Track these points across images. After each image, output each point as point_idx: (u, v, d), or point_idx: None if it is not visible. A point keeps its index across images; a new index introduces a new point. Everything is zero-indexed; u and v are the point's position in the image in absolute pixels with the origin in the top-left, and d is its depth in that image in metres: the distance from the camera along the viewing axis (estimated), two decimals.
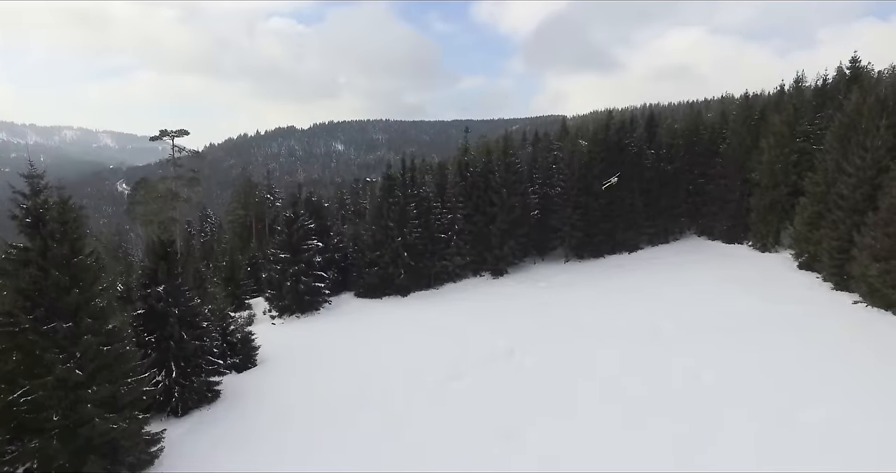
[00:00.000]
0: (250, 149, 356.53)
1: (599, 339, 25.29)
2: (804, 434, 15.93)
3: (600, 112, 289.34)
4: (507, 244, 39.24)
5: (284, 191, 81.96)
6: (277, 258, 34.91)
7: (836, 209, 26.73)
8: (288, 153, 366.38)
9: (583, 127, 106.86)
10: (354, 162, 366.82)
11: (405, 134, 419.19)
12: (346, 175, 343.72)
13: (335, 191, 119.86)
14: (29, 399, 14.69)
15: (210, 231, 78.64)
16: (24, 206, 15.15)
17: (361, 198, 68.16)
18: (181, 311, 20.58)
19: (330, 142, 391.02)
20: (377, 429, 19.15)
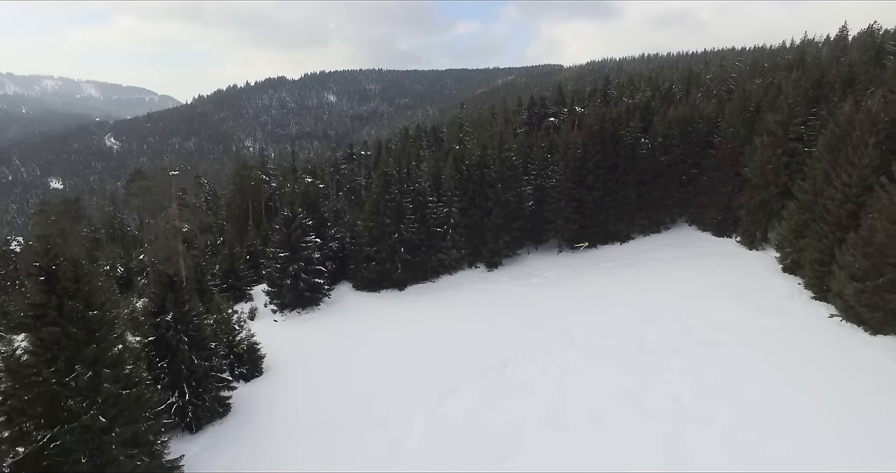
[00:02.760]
0: (240, 101, 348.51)
1: (589, 352, 26.61)
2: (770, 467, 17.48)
3: (596, 63, 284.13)
4: (502, 238, 40.05)
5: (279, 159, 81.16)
6: (277, 256, 35.65)
7: (821, 221, 27.52)
8: (279, 105, 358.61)
9: (579, 90, 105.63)
10: (347, 113, 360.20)
11: (399, 84, 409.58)
12: (338, 127, 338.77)
13: (330, 155, 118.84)
14: (57, 443, 15.86)
15: (206, 200, 78.81)
16: (38, 264, 15.77)
17: (356, 173, 68.12)
18: (190, 337, 21.57)
19: (322, 92, 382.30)
20: (382, 451, 20.66)
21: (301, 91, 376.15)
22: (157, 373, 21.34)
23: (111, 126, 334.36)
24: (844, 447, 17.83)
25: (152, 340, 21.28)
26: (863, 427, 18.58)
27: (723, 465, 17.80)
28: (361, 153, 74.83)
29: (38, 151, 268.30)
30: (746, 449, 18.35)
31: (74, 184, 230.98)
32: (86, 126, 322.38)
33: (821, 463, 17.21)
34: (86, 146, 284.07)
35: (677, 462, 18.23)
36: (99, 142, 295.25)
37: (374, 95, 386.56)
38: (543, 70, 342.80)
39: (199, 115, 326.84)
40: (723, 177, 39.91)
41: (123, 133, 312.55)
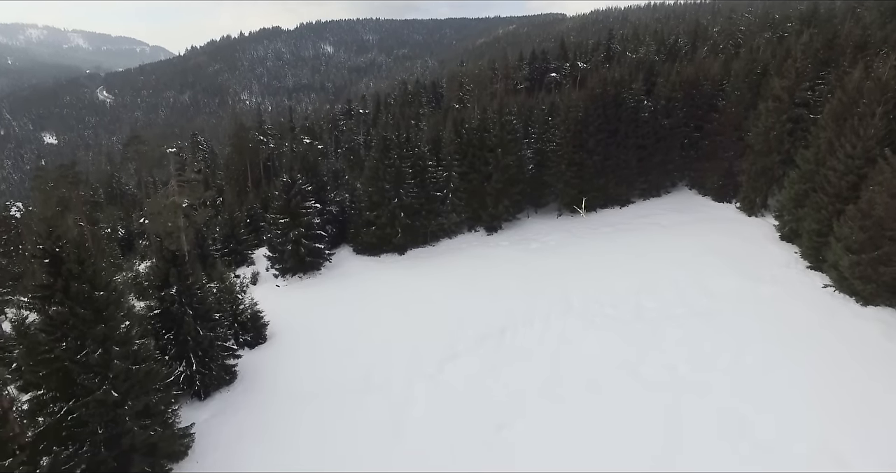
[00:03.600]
0: (234, 53, 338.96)
1: (587, 321, 27.16)
2: (760, 441, 18.26)
3: (601, 12, 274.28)
4: (502, 203, 40.03)
5: (276, 114, 79.73)
6: (277, 222, 35.74)
7: (821, 192, 27.48)
8: (275, 56, 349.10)
9: (582, 43, 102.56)
10: (345, 65, 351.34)
11: (397, 34, 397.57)
12: (336, 79, 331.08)
13: (328, 110, 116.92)
14: (74, 416, 16.52)
15: (204, 159, 78.13)
16: (42, 247, 15.92)
17: (355, 132, 67.20)
18: (195, 310, 21.97)
19: (318, 43, 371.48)
20: (383, 418, 21.48)
21: (297, 42, 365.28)
22: (163, 344, 21.89)
23: (102, 79, 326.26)
24: (834, 418, 18.57)
25: (158, 313, 21.67)
26: (853, 398, 19.28)
27: (717, 437, 18.55)
28: (360, 111, 73.48)
29: (29, 105, 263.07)
30: (740, 421, 19.08)
31: (69, 139, 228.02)
32: (76, 79, 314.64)
33: (811, 435, 18.00)
34: (77, 100, 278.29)
35: (674, 433, 18.98)
36: (91, 96, 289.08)
37: (371, 46, 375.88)
38: (545, 19, 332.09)
39: (192, 68, 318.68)
40: (725, 143, 39.47)
41: (116, 86, 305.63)
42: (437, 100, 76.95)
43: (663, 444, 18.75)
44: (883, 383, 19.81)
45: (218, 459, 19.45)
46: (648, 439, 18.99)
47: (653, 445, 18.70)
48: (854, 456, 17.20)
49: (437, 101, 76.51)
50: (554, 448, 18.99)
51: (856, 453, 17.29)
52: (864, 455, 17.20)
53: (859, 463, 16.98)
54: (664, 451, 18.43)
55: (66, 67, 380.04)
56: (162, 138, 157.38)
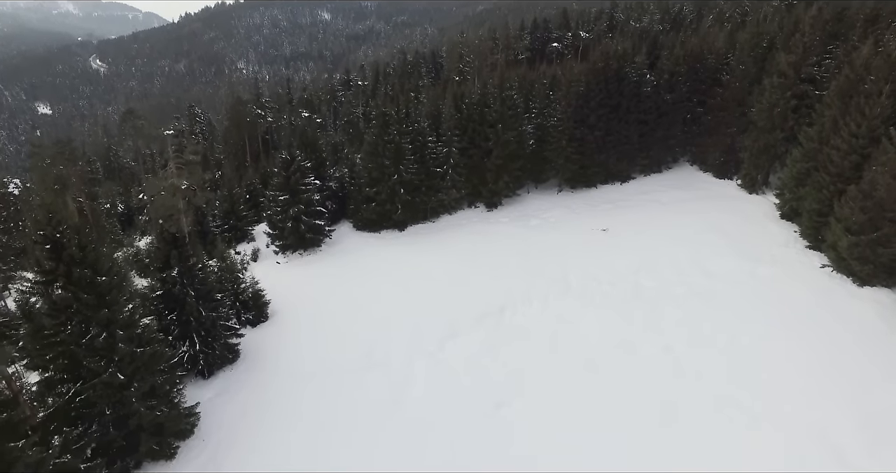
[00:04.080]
0: (230, 20, 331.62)
1: (586, 300, 27.39)
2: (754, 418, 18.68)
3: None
4: (502, 179, 39.83)
5: (273, 84, 78.46)
6: (276, 199, 35.63)
7: (823, 171, 27.31)
8: (271, 24, 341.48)
9: (585, 12, 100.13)
10: (343, 32, 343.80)
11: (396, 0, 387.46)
12: (334, 47, 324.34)
13: (326, 80, 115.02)
14: (82, 397, 16.86)
15: (201, 131, 77.33)
16: (42, 233, 15.94)
17: (353, 105, 66.27)
18: (197, 291, 22.13)
19: (316, 10, 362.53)
20: (384, 396, 21.89)
21: (294, 8, 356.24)
22: (166, 325, 22.15)
23: (95, 46, 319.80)
24: (827, 398, 18.98)
25: (160, 294, 21.83)
26: (846, 379, 19.65)
27: (713, 414, 18.98)
28: (359, 82, 72.25)
29: (21, 73, 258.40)
30: (735, 401, 19.49)
31: (63, 109, 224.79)
32: (68, 46, 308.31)
33: (803, 415, 18.42)
34: (70, 68, 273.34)
35: (670, 413, 19.39)
36: (84, 65, 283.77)
37: (370, 12, 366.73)
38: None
39: (187, 35, 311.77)
40: (728, 118, 39.00)
41: (109, 54, 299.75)
42: (437, 71, 75.60)
43: (659, 423, 19.19)
44: (877, 364, 20.14)
45: (223, 437, 19.95)
46: (644, 419, 19.40)
47: (649, 425, 19.12)
48: (843, 436, 17.65)
49: (437, 72, 75.17)
50: (552, 427, 19.43)
51: (845, 432, 17.74)
52: (853, 433, 17.64)
53: (847, 441, 17.45)
54: (660, 430, 18.88)
55: (56, 34, 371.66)
56: (158, 110, 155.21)
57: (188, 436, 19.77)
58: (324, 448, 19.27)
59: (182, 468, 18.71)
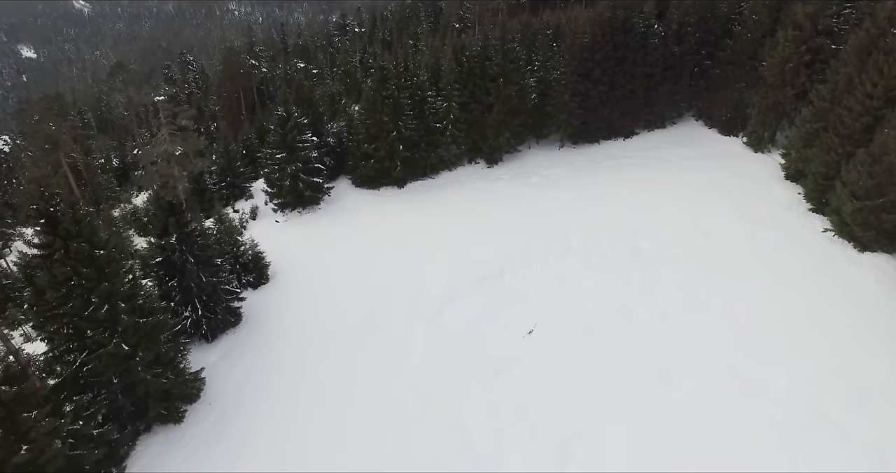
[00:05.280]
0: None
1: (585, 262, 27.43)
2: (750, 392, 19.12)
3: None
4: (503, 135, 38.96)
5: (266, 28, 75.28)
6: (274, 157, 34.95)
7: (832, 132, 26.62)
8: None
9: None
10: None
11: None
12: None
13: (322, 22, 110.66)
14: (88, 367, 17.16)
15: (194, 80, 75.05)
16: (35, 207, 15.68)
17: (351, 54, 63.83)
18: (196, 257, 22.06)
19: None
20: (384, 360, 22.34)
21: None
22: (168, 291, 22.25)
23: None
24: (819, 364, 19.37)
25: (160, 261, 21.78)
26: (839, 345, 19.99)
27: (708, 383, 19.45)
28: (356, 29, 69.31)
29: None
30: (729, 367, 19.88)
31: (48, 53, 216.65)
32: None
33: (798, 381, 18.88)
34: (52, 8, 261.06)
35: (665, 379, 19.85)
36: (66, 5, 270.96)
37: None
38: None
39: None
40: (737, 72, 37.67)
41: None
42: (437, 16, 72.30)
43: (655, 388, 19.69)
44: (872, 330, 20.39)
45: (229, 401, 20.51)
46: (640, 384, 19.89)
47: (645, 390, 19.64)
48: (831, 399, 18.20)
49: (437, 18, 71.91)
50: (551, 393, 19.95)
51: (835, 396, 18.26)
52: (842, 397, 18.16)
53: (835, 405, 18.00)
54: (656, 395, 19.39)
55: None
56: (148, 55, 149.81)
57: (195, 400, 20.32)
58: (328, 413, 19.85)
59: (191, 430, 19.34)
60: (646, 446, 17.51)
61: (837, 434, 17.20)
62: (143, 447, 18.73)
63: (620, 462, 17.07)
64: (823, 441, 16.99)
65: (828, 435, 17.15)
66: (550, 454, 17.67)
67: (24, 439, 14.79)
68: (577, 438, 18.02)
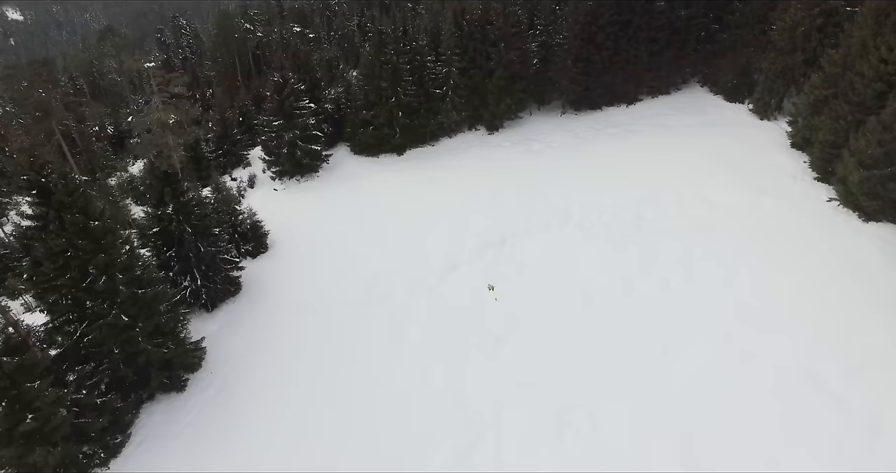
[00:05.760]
0: None
1: (586, 231, 27.24)
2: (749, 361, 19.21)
3: None
4: (504, 101, 38.15)
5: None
6: (271, 124, 34.31)
7: (843, 99, 25.97)
8: None
9: None
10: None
11: None
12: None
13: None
14: (89, 338, 17.18)
15: (188, 45, 73.22)
16: (26, 178, 15.36)
17: (348, 19, 61.96)
18: (194, 227, 21.83)
19: None
20: (385, 329, 22.39)
21: None
22: (166, 260, 22.11)
23: None
24: (817, 334, 19.40)
25: (157, 231, 21.55)
26: (843, 314, 19.95)
27: (707, 352, 19.53)
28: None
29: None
30: (729, 336, 19.93)
31: (35, 15, 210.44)
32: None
33: (796, 350, 18.94)
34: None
35: (665, 348, 19.94)
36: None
37: None
38: None
39: None
40: (745, 37, 36.56)
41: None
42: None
43: (654, 357, 19.77)
44: (870, 299, 20.33)
45: (229, 369, 20.67)
46: (640, 354, 19.95)
47: (644, 359, 19.72)
48: (827, 367, 18.29)
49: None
50: (550, 360, 20.05)
51: (831, 364, 18.35)
52: (837, 365, 18.26)
53: (831, 375, 18.08)
54: (655, 364, 19.49)
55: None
56: (139, 17, 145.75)
57: (196, 369, 20.46)
58: (328, 381, 20.03)
59: (193, 398, 19.54)
60: (645, 414, 17.67)
61: (833, 401, 17.35)
62: (147, 415, 18.97)
63: (620, 430, 17.25)
64: (819, 407, 17.14)
65: (824, 402, 17.30)
66: (551, 422, 17.85)
67: (28, 408, 14.92)
68: (577, 407, 18.17)
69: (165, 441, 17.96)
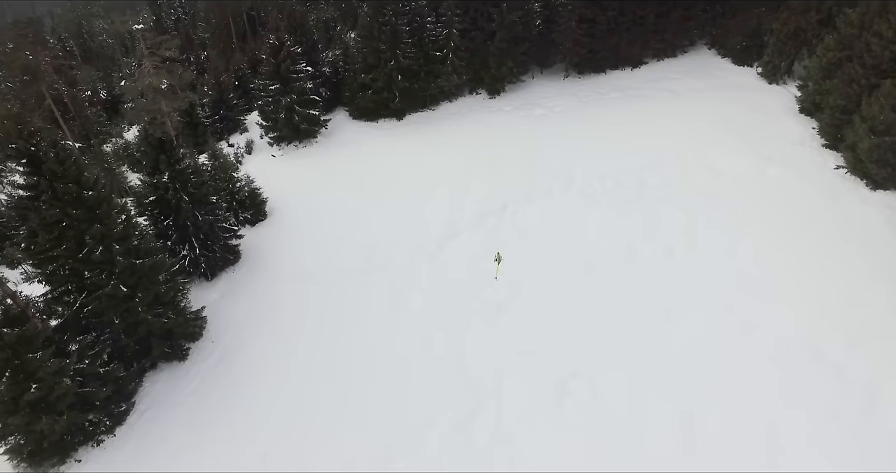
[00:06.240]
0: None
1: (588, 198, 26.90)
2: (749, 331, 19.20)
3: None
4: (506, 64, 37.12)
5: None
6: (267, 89, 33.45)
7: (857, 62, 25.12)
8: None
9: None
10: None
11: None
12: None
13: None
14: (90, 308, 17.14)
15: (180, 5, 70.76)
16: (14, 147, 14.95)
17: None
18: (190, 195, 21.49)
19: None
20: (385, 297, 22.36)
21: None
22: (164, 229, 21.87)
23: None
24: (821, 303, 19.36)
25: (153, 200, 21.22)
26: (845, 284, 19.85)
27: (708, 321, 19.56)
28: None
29: None
30: (730, 305, 19.89)
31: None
32: None
33: (796, 320, 18.94)
34: None
35: (665, 316, 19.95)
36: None
37: None
38: None
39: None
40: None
41: None
42: None
43: (654, 325, 19.82)
44: (876, 271, 20.15)
45: (230, 338, 20.76)
46: (640, 321, 20.01)
47: (645, 327, 19.78)
48: (827, 338, 18.31)
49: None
50: (551, 328, 20.12)
51: (830, 334, 18.38)
52: (837, 336, 18.28)
53: (831, 345, 18.11)
54: (655, 332, 19.55)
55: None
56: None
57: (198, 338, 20.55)
58: (328, 349, 20.16)
59: (195, 367, 19.69)
60: (646, 381, 17.82)
61: (832, 371, 17.45)
62: (151, 383, 19.15)
63: (620, 398, 17.42)
64: (819, 376, 17.25)
65: (824, 371, 17.39)
66: (551, 390, 18.00)
67: (32, 378, 14.99)
68: (577, 375, 18.30)
69: (169, 409, 18.19)
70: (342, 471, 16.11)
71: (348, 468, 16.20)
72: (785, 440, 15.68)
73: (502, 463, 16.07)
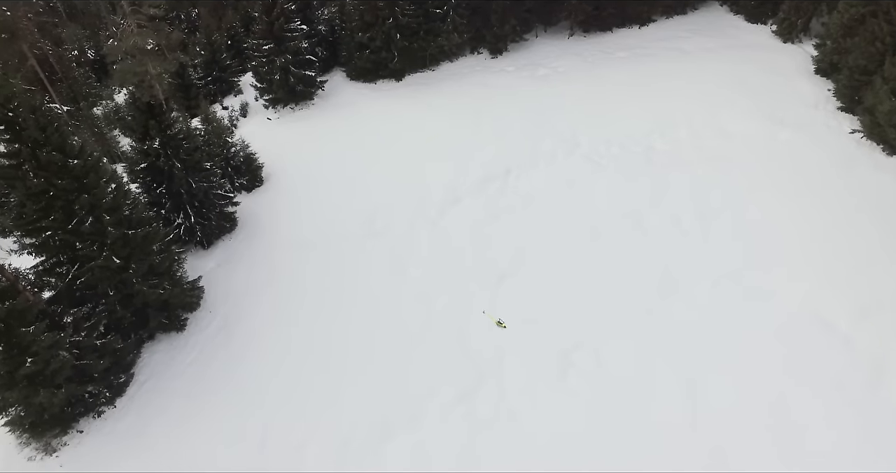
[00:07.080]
0: None
1: (594, 162, 26.13)
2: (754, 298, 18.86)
3: None
4: (509, 22, 35.56)
5: None
6: (261, 48, 32.07)
7: (882, 18, 23.80)
8: None
9: None
10: None
11: None
12: None
13: None
14: (83, 280, 16.74)
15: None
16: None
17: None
18: (183, 161, 20.75)
19: None
20: (386, 264, 21.96)
21: None
22: (157, 197, 21.24)
23: None
24: (829, 273, 18.98)
25: (145, 167, 20.49)
26: (853, 255, 19.37)
27: (712, 290, 19.25)
28: None
29: None
30: (736, 274, 19.52)
31: None
32: None
33: (804, 290, 18.57)
34: None
35: (673, 286, 19.58)
36: None
37: None
38: None
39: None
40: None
41: None
42: None
43: (658, 294, 19.52)
44: (885, 243, 19.54)
45: (229, 308, 20.49)
46: (645, 290, 19.69)
47: (649, 295, 19.48)
48: (834, 309, 17.98)
49: None
50: (556, 297, 19.84)
51: (838, 305, 18.05)
52: (845, 307, 17.95)
53: (839, 317, 17.79)
54: (659, 301, 19.26)
55: None
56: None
57: (195, 308, 20.27)
58: (328, 319, 19.91)
59: (194, 338, 19.48)
60: (651, 350, 17.63)
61: (840, 341, 17.21)
62: (149, 354, 18.98)
63: (625, 367, 17.26)
64: (826, 346, 17.03)
65: (831, 341, 17.16)
66: (554, 359, 17.84)
67: (27, 352, 14.71)
68: (581, 345, 18.10)
69: (168, 380, 18.07)
70: (342, 439, 16.09)
71: (349, 435, 16.15)
72: (793, 411, 15.61)
73: (505, 433, 16.00)
